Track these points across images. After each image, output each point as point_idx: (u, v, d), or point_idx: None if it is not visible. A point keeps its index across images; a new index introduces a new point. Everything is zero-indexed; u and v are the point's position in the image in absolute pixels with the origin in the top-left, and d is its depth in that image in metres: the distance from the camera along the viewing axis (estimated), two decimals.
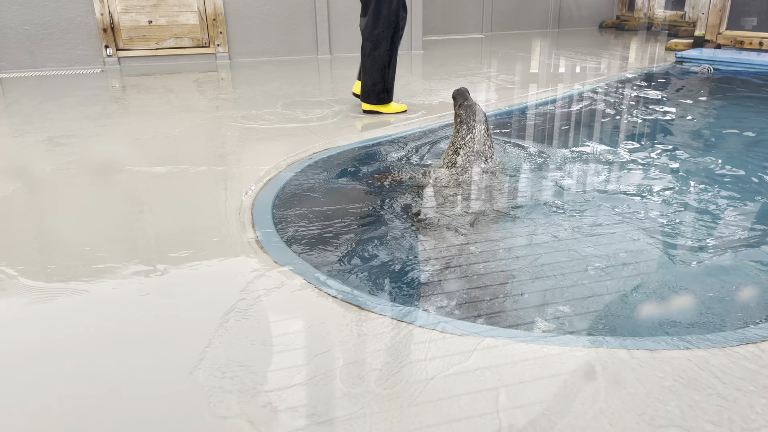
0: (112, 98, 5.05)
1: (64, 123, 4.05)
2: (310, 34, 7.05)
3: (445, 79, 5.57)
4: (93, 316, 1.82)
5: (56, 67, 6.27)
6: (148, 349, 1.65)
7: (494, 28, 9.41)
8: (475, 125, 3.13)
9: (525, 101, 4.77)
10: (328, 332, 1.69)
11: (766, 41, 6.27)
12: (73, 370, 1.55)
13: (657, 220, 2.51)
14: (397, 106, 4.32)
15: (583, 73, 6.04)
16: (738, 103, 4.78)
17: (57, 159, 3.29)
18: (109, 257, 2.15)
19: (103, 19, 6.26)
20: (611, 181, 3.02)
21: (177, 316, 1.81)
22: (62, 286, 1.96)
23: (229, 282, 1.98)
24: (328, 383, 1.48)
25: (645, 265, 2.13)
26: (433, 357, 1.56)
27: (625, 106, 4.73)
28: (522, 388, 1.44)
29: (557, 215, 2.55)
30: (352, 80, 5.60)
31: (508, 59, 6.92)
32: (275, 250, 2.19)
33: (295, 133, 3.78)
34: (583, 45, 8.09)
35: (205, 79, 5.78)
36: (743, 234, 2.38)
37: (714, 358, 1.54)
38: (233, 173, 3.08)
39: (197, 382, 1.48)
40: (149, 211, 2.63)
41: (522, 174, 3.13)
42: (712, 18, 6.62)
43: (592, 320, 1.80)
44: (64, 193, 2.84)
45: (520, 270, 2.10)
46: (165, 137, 3.72)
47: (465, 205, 2.72)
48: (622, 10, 10.08)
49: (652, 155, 3.40)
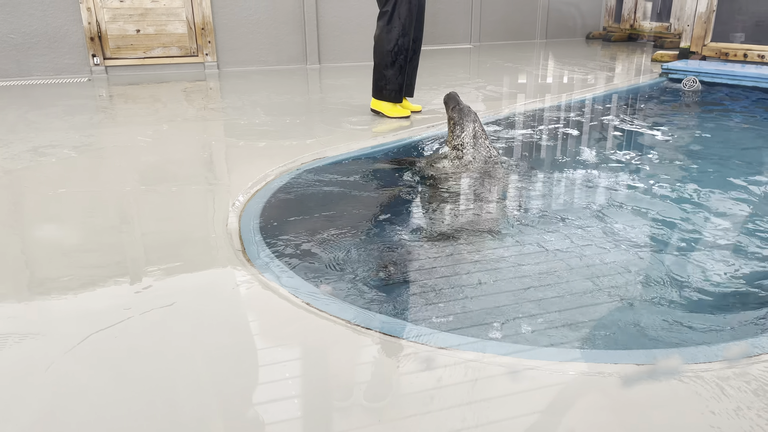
0: (99, 108, 5.01)
1: (49, 133, 4.01)
2: (299, 44, 7.05)
3: (434, 89, 5.58)
4: (74, 329, 1.79)
5: (42, 76, 6.22)
6: (130, 364, 1.62)
7: (483, 38, 9.47)
8: (469, 124, 3.34)
9: (513, 111, 4.80)
10: (313, 345, 1.68)
11: (750, 53, 6.35)
12: (52, 390, 1.52)
13: (642, 232, 2.51)
14: (401, 110, 4.41)
15: (571, 84, 6.09)
16: (723, 115, 4.83)
17: (42, 169, 3.25)
18: (94, 270, 2.12)
19: (90, 28, 6.23)
20: (597, 192, 3.03)
21: (161, 332, 1.79)
22: (44, 299, 1.93)
23: (214, 295, 1.96)
24: (315, 397, 1.47)
25: (634, 278, 2.13)
26: (423, 371, 1.55)
27: (611, 117, 4.76)
28: (509, 400, 1.43)
29: (543, 227, 2.55)
30: (341, 89, 5.61)
31: (496, 69, 6.96)
32: (262, 262, 2.17)
33: (283, 143, 3.77)
34: (570, 56, 8.16)
35: (193, 88, 5.76)
36: (731, 248, 2.40)
37: (706, 374, 1.54)
38: (221, 184, 3.06)
39: (178, 401, 1.45)
40: (135, 223, 2.60)
41: (511, 184, 3.13)
42: (698, 30, 6.70)
43: (581, 333, 1.80)
44: (48, 204, 2.81)
45: (514, 281, 2.09)
46: (152, 147, 3.70)
47: (460, 211, 2.71)
48: (609, 22, 10.18)
49: (635, 164, 3.42)
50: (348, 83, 5.98)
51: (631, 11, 9.65)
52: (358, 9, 7.08)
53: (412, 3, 4.15)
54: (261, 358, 1.64)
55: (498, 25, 9.59)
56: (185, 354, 1.64)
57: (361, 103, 4.93)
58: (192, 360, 1.61)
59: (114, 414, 1.41)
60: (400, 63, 4.26)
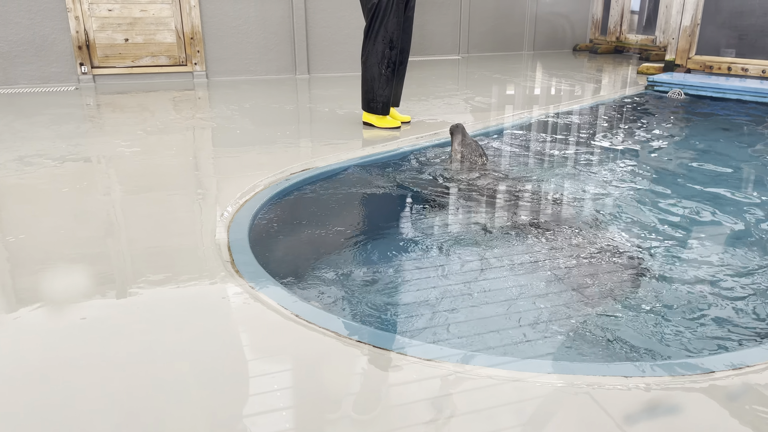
0: (86, 117, 4.98)
1: (36, 142, 3.98)
2: (288, 54, 7.07)
3: (423, 101, 5.61)
4: (58, 339, 1.77)
5: (29, 84, 6.18)
6: (115, 376, 1.60)
7: (471, 49, 9.54)
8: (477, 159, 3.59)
9: (501, 123, 4.83)
10: (302, 356, 1.67)
11: (734, 66, 6.45)
12: (31, 402, 1.50)
13: (628, 243, 2.54)
14: (391, 122, 4.42)
15: (558, 96, 6.15)
16: (707, 127, 4.89)
17: (28, 179, 3.22)
18: (79, 280, 2.10)
19: (78, 36, 6.20)
20: (583, 203, 3.06)
21: (147, 344, 1.77)
22: (27, 309, 1.90)
23: (202, 306, 1.94)
24: (303, 409, 1.46)
25: (622, 290, 2.15)
26: (412, 382, 1.55)
27: (598, 128, 4.81)
28: (497, 412, 1.43)
29: (530, 238, 2.57)
30: (331, 99, 5.62)
31: (484, 81, 7.01)
32: (250, 273, 2.16)
33: (272, 153, 3.76)
34: (557, 67, 8.24)
35: (182, 97, 5.74)
36: (717, 258, 2.42)
37: (695, 385, 1.55)
38: (209, 194, 3.05)
39: (164, 413, 1.44)
40: (122, 233, 2.58)
41: (499, 197, 3.15)
42: (682, 43, 6.80)
43: (569, 344, 1.81)
44: (34, 213, 2.78)
45: (502, 292, 2.10)
46: (140, 157, 3.68)
47: (448, 223, 2.72)
48: (595, 34, 10.30)
49: (620, 173, 3.45)
50: (337, 93, 6.00)
51: (617, 24, 9.78)
52: (347, 20, 7.11)
53: (400, 16, 4.17)
54: (249, 370, 1.63)
55: (486, 37, 9.67)
56: (172, 365, 1.63)
57: (350, 113, 4.94)
58: (179, 372, 1.60)
59: (99, 427, 1.40)
60: (388, 75, 4.27)
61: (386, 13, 4.13)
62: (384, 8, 4.11)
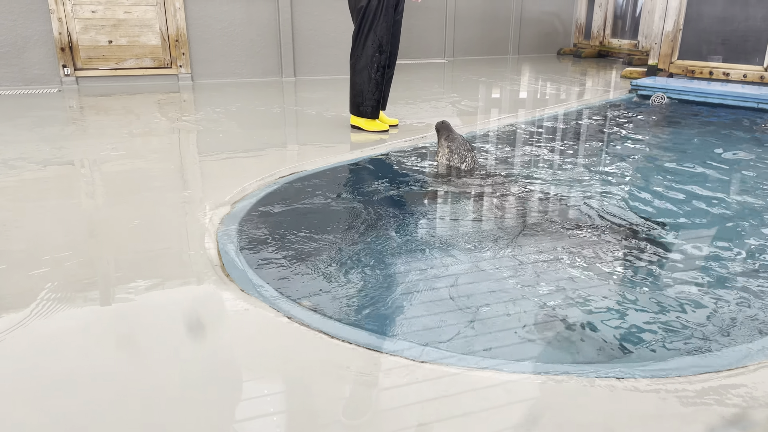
0: (70, 119, 4.92)
1: (18, 145, 3.92)
2: (274, 57, 7.04)
3: (410, 104, 5.62)
4: (43, 347, 1.75)
5: (11, 86, 6.09)
6: (104, 384, 1.58)
7: (456, 53, 9.59)
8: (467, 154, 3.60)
9: (487, 125, 4.86)
10: (293, 359, 1.66)
11: (716, 71, 6.54)
12: (20, 410, 1.48)
13: (612, 244, 2.56)
14: (379, 125, 4.42)
15: (544, 99, 6.19)
16: (690, 130, 4.96)
17: (10, 183, 3.17)
18: (65, 285, 2.07)
19: (61, 38, 6.13)
20: (569, 203, 3.08)
21: (136, 349, 1.75)
22: (7, 315, 1.87)
23: (191, 310, 1.93)
24: (294, 413, 1.45)
25: (613, 291, 2.17)
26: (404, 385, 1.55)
27: (583, 131, 4.85)
28: (490, 414, 1.43)
29: (524, 239, 2.58)
30: (317, 102, 5.61)
31: (470, 84, 7.04)
32: (240, 276, 2.15)
33: (260, 156, 3.74)
34: (542, 71, 8.31)
35: (167, 100, 5.70)
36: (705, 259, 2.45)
37: (690, 386, 1.56)
38: (197, 197, 3.02)
39: (155, 420, 1.42)
40: (107, 237, 2.55)
41: (487, 198, 3.16)
42: (665, 48, 6.88)
43: (563, 346, 1.81)
44: (16, 217, 2.74)
45: (494, 294, 2.11)
46: (125, 160, 3.64)
47: (439, 225, 2.73)
48: (579, 38, 10.40)
49: (605, 174, 3.49)
50: (324, 96, 5.99)
51: (601, 29, 9.88)
52: (333, 23, 7.11)
53: (389, 20, 4.18)
54: (241, 374, 1.62)
55: (472, 41, 9.73)
56: (161, 371, 1.61)
57: (337, 116, 4.93)
58: (168, 377, 1.58)
59: None
60: (377, 80, 4.27)
61: (375, 17, 4.13)
62: (373, 12, 4.11)
